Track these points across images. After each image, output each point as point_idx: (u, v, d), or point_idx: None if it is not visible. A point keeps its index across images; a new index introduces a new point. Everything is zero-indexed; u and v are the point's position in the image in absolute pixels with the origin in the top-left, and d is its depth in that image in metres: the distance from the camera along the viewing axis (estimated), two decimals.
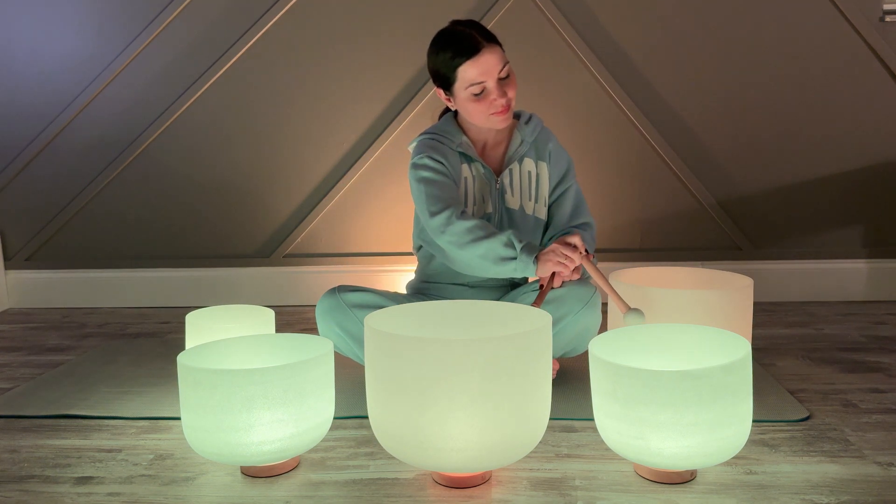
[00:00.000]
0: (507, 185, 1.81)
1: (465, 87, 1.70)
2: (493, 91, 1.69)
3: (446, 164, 1.76)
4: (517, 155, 1.82)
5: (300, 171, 2.83)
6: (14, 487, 1.32)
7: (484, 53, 1.67)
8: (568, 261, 1.61)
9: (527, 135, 1.83)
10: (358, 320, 1.73)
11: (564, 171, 1.87)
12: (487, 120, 1.73)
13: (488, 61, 1.67)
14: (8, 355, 2.22)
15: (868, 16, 2.62)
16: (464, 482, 1.27)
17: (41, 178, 2.88)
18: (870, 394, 1.70)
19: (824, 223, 2.77)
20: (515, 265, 1.65)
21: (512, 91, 1.72)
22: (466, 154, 1.79)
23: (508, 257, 1.65)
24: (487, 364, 1.15)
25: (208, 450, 1.27)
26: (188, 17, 2.75)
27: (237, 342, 1.46)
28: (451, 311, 1.44)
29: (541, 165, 1.84)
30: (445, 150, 1.78)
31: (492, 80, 1.69)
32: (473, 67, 1.67)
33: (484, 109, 1.71)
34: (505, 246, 1.64)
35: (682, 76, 2.71)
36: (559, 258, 1.61)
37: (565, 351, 1.77)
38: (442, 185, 1.73)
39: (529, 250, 1.63)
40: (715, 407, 1.16)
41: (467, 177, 1.80)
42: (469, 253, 1.68)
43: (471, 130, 1.82)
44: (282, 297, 2.86)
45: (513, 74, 1.73)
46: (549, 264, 1.62)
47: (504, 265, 1.66)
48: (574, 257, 1.61)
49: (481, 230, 1.67)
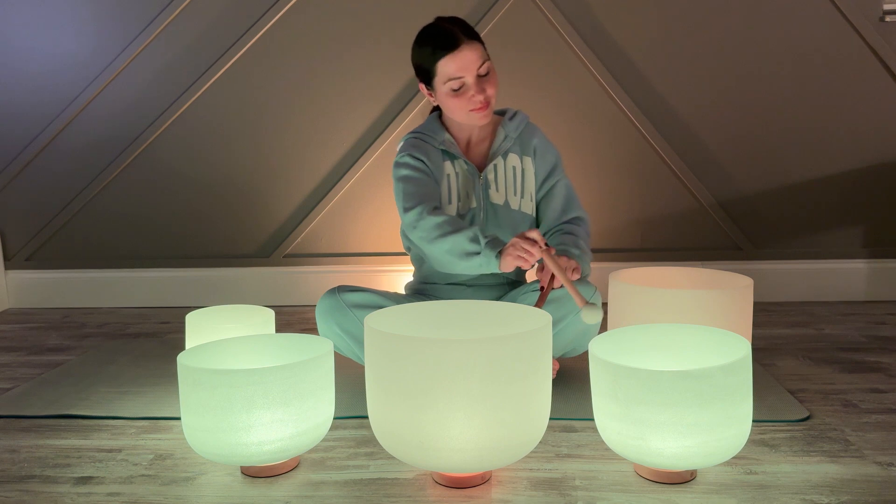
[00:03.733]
0: (492, 181, 1.82)
1: (444, 82, 1.72)
2: (471, 87, 1.72)
3: (427, 163, 1.78)
4: (501, 150, 1.84)
5: (300, 171, 2.83)
6: (14, 487, 1.32)
7: (463, 49, 1.70)
8: (527, 254, 1.60)
9: (511, 130, 1.85)
10: (358, 320, 1.73)
11: (552, 165, 1.88)
12: (467, 116, 1.75)
13: (467, 57, 1.70)
14: (8, 355, 2.22)
15: (868, 16, 2.62)
16: (464, 482, 1.27)
17: (41, 178, 2.89)
18: (870, 394, 1.70)
19: (824, 223, 2.77)
20: (480, 260, 1.65)
21: (491, 89, 1.74)
22: (449, 151, 1.82)
23: (473, 252, 1.65)
24: (487, 364, 1.15)
25: (208, 450, 1.27)
26: (187, 17, 2.75)
27: (237, 342, 1.46)
28: (451, 311, 1.44)
29: (525, 160, 1.85)
30: (428, 148, 1.81)
31: (470, 76, 1.71)
32: (452, 62, 1.70)
33: (463, 105, 1.73)
34: (470, 241, 1.65)
35: (682, 76, 2.71)
36: (519, 252, 1.60)
37: (566, 351, 1.77)
38: (419, 183, 1.76)
39: (493, 245, 1.63)
40: (715, 407, 1.16)
41: (450, 174, 1.82)
42: (437, 248, 1.69)
43: (453, 128, 1.84)
44: (282, 297, 2.86)
45: (493, 73, 1.75)
46: (510, 258, 1.61)
47: (469, 260, 1.66)
48: (533, 251, 1.59)
49: (449, 225, 1.68)
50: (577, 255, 1.72)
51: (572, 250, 1.72)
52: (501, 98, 2.63)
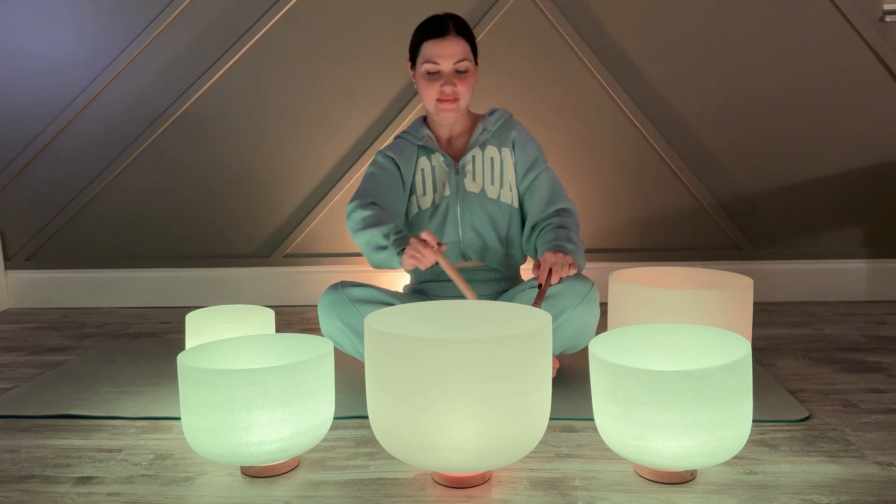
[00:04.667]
0: (469, 171, 1.88)
1: (422, 63, 1.82)
2: (444, 76, 1.80)
3: (397, 161, 1.89)
4: (479, 142, 1.90)
5: (300, 171, 2.83)
6: (14, 487, 1.32)
7: (448, 39, 1.79)
8: (419, 255, 1.65)
9: (490, 124, 1.91)
10: (360, 315, 1.74)
11: (533, 158, 1.91)
12: (435, 107, 1.84)
13: (449, 46, 1.79)
14: (8, 355, 2.22)
15: (868, 16, 2.62)
16: (464, 482, 1.27)
17: (41, 178, 2.89)
18: (870, 394, 1.70)
19: (824, 223, 2.77)
20: (386, 255, 1.72)
21: (463, 87, 1.82)
22: (426, 146, 1.90)
23: (382, 246, 1.72)
24: (487, 364, 1.15)
25: (208, 450, 1.27)
26: (188, 17, 2.75)
27: (237, 342, 1.46)
28: (451, 311, 1.44)
29: (504, 152, 1.90)
30: (405, 146, 1.91)
31: (446, 66, 1.80)
32: (433, 47, 1.80)
33: (432, 92, 1.82)
34: (383, 236, 1.72)
35: (682, 76, 2.71)
36: (413, 252, 1.66)
37: (565, 348, 1.77)
38: (375, 181, 1.87)
39: (398, 243, 1.70)
40: (715, 407, 1.16)
41: (424, 168, 1.90)
42: (359, 239, 1.78)
43: (434, 125, 1.93)
44: (282, 297, 2.86)
45: (472, 76, 1.84)
46: (406, 258, 1.68)
47: (379, 254, 1.74)
48: (425, 252, 1.64)
49: (372, 219, 1.76)
50: (572, 250, 1.73)
51: (566, 245, 1.74)
52: (502, 97, 2.63)
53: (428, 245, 1.65)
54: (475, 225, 1.88)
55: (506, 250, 1.91)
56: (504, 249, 1.90)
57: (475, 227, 1.88)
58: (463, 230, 1.88)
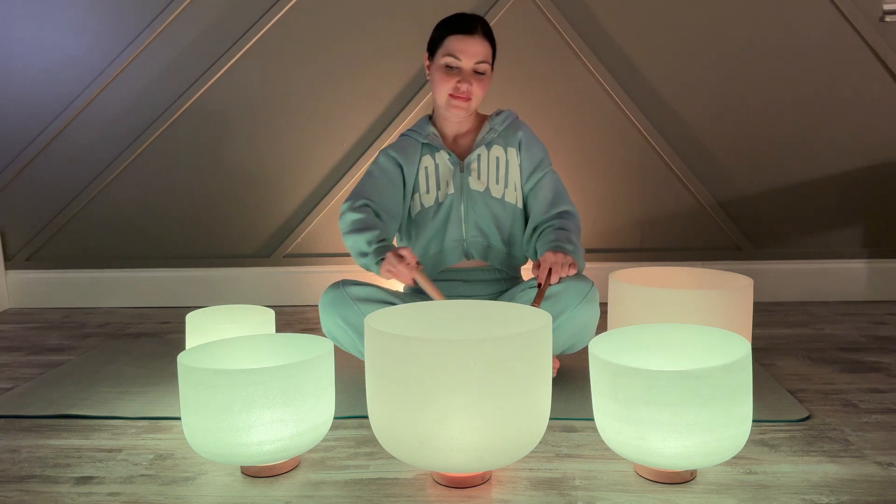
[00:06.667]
0: (474, 169, 1.89)
1: (443, 56, 1.82)
2: (462, 73, 1.81)
3: (399, 161, 1.89)
4: (485, 141, 1.90)
5: (300, 171, 2.83)
6: (14, 487, 1.32)
7: (475, 37, 1.81)
8: (395, 270, 1.67)
9: (496, 124, 1.92)
10: (361, 313, 1.74)
11: (539, 159, 1.92)
12: (447, 101, 1.84)
13: (473, 45, 1.81)
14: (8, 355, 2.22)
15: (868, 16, 2.62)
16: (464, 482, 1.27)
17: (41, 178, 2.89)
18: (870, 394, 1.70)
19: (824, 223, 2.77)
20: (367, 262, 1.75)
21: (478, 88, 1.83)
22: (431, 144, 1.90)
23: (364, 253, 1.75)
24: (487, 364, 1.15)
25: (208, 450, 1.27)
26: (188, 17, 2.75)
27: (237, 342, 1.46)
28: (451, 310, 1.44)
29: (510, 152, 1.91)
30: (409, 143, 1.92)
31: (467, 64, 1.81)
32: (458, 43, 1.81)
33: (447, 86, 1.82)
34: (367, 243, 1.75)
35: (682, 76, 2.71)
36: (389, 266, 1.68)
37: (565, 348, 1.77)
38: (373, 180, 1.88)
39: (378, 253, 1.72)
40: (715, 407, 1.16)
41: (428, 166, 1.90)
42: (346, 241, 1.81)
43: (440, 123, 1.94)
44: (282, 297, 2.86)
45: (488, 79, 1.86)
46: (383, 270, 1.70)
47: (362, 259, 1.77)
48: (400, 268, 1.66)
49: (361, 223, 1.77)
50: (572, 251, 1.74)
51: (566, 246, 1.74)
52: (502, 97, 2.63)
53: (404, 261, 1.66)
54: (479, 223, 1.88)
55: (508, 250, 1.91)
56: (506, 249, 1.91)
57: (479, 226, 1.88)
58: (466, 228, 1.88)
